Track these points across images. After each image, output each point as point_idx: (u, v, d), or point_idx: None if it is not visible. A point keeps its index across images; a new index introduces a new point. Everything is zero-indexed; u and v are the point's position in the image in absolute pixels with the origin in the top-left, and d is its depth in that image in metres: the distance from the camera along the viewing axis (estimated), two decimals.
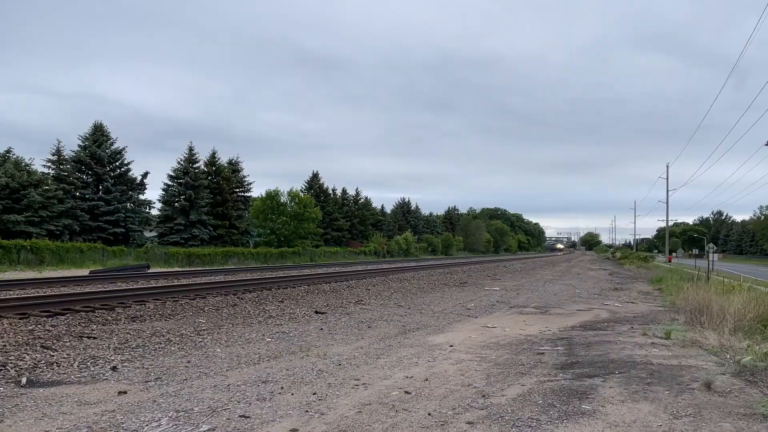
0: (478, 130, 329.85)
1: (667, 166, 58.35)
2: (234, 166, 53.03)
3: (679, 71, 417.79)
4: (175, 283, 19.40)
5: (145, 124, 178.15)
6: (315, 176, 66.24)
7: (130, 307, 12.10)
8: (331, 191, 68.21)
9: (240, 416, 4.92)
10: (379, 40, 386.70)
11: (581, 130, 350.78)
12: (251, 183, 54.62)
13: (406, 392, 5.78)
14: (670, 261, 59.91)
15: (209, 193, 47.63)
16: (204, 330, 9.77)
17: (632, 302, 16.76)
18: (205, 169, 48.92)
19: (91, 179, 40.90)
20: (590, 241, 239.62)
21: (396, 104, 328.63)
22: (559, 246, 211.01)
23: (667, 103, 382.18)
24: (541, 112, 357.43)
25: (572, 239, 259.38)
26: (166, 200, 46.68)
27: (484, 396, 5.65)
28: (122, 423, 4.71)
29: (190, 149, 47.40)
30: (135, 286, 17.30)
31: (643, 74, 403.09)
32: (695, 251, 46.99)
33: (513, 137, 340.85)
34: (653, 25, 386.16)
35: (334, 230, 65.57)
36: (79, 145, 41.24)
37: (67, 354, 7.42)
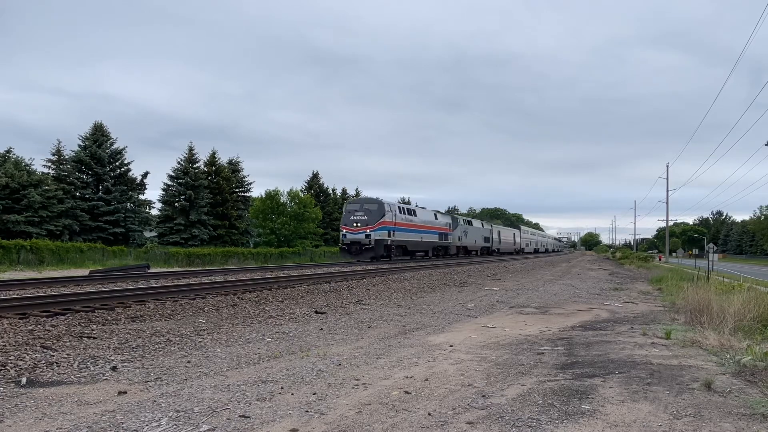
0: (487, 130, 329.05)
1: (667, 166, 58.49)
2: (234, 166, 53.14)
3: (696, 70, 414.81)
4: (175, 283, 19.37)
5: (154, 124, 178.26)
6: (315, 176, 66.30)
7: (130, 307, 12.09)
8: (331, 191, 68.27)
9: (240, 416, 4.92)
10: (394, 39, 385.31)
11: (586, 130, 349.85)
12: (251, 183, 54.91)
13: (406, 392, 5.78)
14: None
15: (209, 193, 47.66)
16: (204, 330, 9.76)
17: (632, 302, 16.76)
18: (205, 169, 48.98)
19: (91, 179, 40.95)
20: (590, 241, 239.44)
21: (407, 103, 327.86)
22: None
23: (680, 103, 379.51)
24: (551, 111, 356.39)
25: (572, 239, 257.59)
26: (166, 200, 46.76)
27: (484, 396, 5.65)
28: (122, 423, 4.71)
29: (190, 149, 47.52)
30: (135, 286, 17.28)
31: (658, 73, 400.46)
32: (695, 251, 47.01)
33: (519, 136, 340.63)
34: (671, 22, 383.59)
35: (334, 230, 65.51)
36: (79, 145, 41.32)
37: (67, 354, 7.41)
